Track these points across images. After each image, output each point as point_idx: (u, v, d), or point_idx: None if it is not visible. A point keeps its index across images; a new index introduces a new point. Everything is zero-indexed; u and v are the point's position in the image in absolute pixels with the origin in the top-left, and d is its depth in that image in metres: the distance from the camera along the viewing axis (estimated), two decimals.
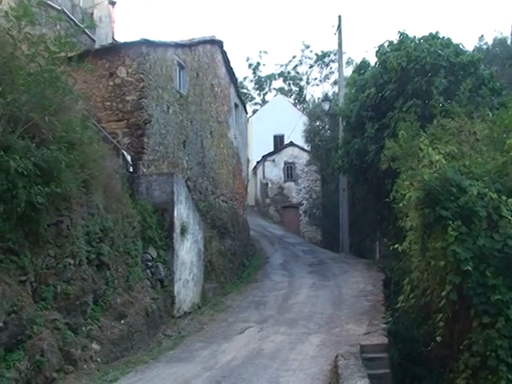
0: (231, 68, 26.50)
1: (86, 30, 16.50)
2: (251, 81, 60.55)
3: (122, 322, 12.35)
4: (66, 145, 10.81)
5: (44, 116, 10.46)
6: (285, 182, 41.59)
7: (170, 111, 18.70)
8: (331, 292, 18.88)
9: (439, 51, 19.31)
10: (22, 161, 9.42)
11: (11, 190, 9.29)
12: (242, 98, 30.68)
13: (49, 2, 11.72)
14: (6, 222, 9.32)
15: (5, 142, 9.59)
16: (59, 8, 16.85)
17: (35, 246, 10.17)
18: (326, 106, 34.09)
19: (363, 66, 23.59)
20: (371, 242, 32.46)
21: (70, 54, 12.21)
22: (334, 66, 52.27)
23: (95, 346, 11.08)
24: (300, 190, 41.10)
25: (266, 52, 60.09)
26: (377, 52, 21.49)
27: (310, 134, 37.54)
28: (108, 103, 16.74)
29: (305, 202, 40.75)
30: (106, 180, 13.02)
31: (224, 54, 25.49)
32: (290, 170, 41.66)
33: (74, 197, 11.26)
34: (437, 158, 11.67)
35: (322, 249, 32.40)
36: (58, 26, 13.35)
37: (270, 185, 41.93)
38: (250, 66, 59.62)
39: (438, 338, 10.71)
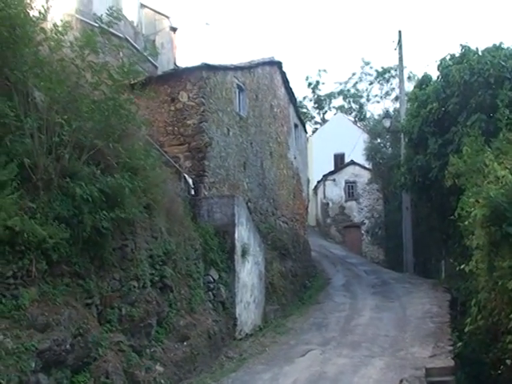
0: (290, 88, 26.59)
1: (148, 57, 16.92)
2: (311, 100, 60.52)
3: (185, 343, 12.48)
4: (130, 170, 11.04)
5: (108, 143, 10.75)
6: (346, 201, 41.25)
7: (230, 134, 18.93)
8: (395, 313, 18.55)
9: (503, 63, 18.79)
10: (87, 187, 9.70)
11: (77, 215, 9.58)
12: (302, 118, 30.73)
13: (112, 31, 12.01)
14: (72, 246, 9.57)
15: (71, 168, 9.91)
16: (122, 36, 17.39)
17: (101, 270, 10.42)
18: (387, 123, 33.66)
19: (425, 80, 23.23)
20: (436, 261, 31.69)
21: (133, 81, 12.57)
22: (395, 81, 51.60)
23: (159, 367, 11.21)
24: (362, 209, 40.66)
25: (325, 70, 59.80)
26: (438, 66, 21.16)
27: (371, 152, 37.18)
28: (170, 128, 17.13)
29: (367, 221, 40.29)
30: (169, 203, 13.25)
31: (283, 74, 25.62)
32: (351, 189, 41.31)
33: (137, 221, 11.50)
34: (503, 173, 11.38)
35: (385, 269, 31.89)
36: (121, 54, 13.69)
37: (330, 204, 41.67)
38: (309, 85, 59.62)
39: (508, 361, 10.37)
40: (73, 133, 9.92)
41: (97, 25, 11.77)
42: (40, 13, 10.60)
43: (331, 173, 42.24)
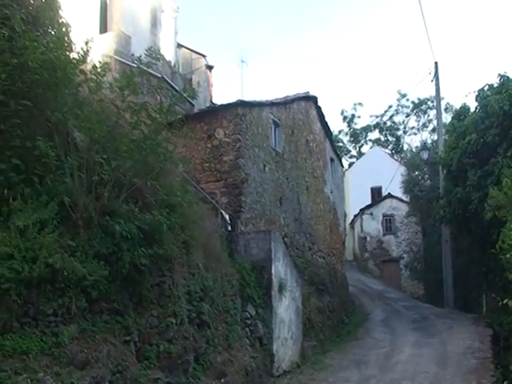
0: (326, 122, 26.69)
1: (185, 95, 17.23)
2: (346, 134, 60.58)
3: (222, 380, 12.41)
4: (168, 207, 11.19)
5: (146, 181, 10.94)
6: (384, 235, 40.85)
7: (267, 169, 19.04)
8: (436, 349, 18.15)
9: None
10: (126, 224, 9.85)
11: (116, 252, 9.70)
12: (338, 152, 30.76)
13: (150, 71, 12.30)
14: (111, 283, 9.67)
15: (110, 206, 10.08)
16: (160, 76, 17.78)
17: (139, 307, 10.49)
18: (425, 155, 33.41)
19: (463, 111, 23.08)
20: (477, 295, 31.02)
21: (170, 120, 12.79)
22: (432, 113, 51.48)
23: None
24: (400, 243, 40.18)
25: (360, 104, 59.94)
26: (476, 96, 21.01)
27: (409, 185, 36.85)
28: (207, 164, 17.34)
29: (405, 255, 39.75)
30: (206, 240, 13.34)
31: (318, 109, 25.75)
32: (388, 223, 40.92)
33: (175, 257, 11.59)
34: None
35: (425, 304, 31.32)
36: (159, 94, 13.99)
37: (368, 238, 41.31)
38: (344, 118, 59.78)
39: None
40: (112, 171, 10.09)
41: (135, 65, 12.07)
42: (80, 55, 10.93)
43: (368, 206, 41.99)
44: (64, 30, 11.00)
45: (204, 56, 26.23)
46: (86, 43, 11.06)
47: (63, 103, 9.96)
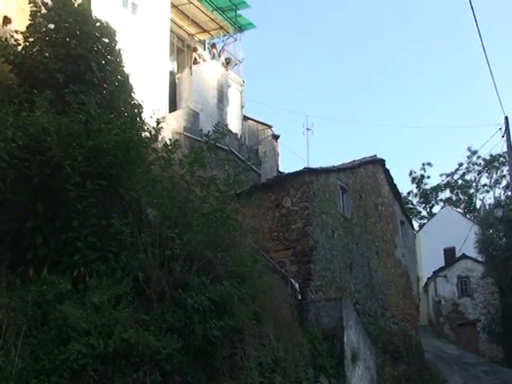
0: (395, 185, 26.46)
1: (252, 166, 17.63)
2: (416, 195, 59.62)
3: None
4: (238, 279, 11.31)
5: (217, 253, 11.14)
6: (459, 297, 39.46)
7: (335, 235, 19.01)
8: None
9: None
10: (197, 297, 9.99)
11: (189, 325, 9.83)
12: (408, 214, 30.37)
13: (218, 145, 12.73)
14: (184, 356, 9.76)
15: (182, 280, 10.29)
16: (227, 149, 18.29)
17: (211, 380, 10.49)
18: (499, 213, 32.48)
19: None
20: None
21: (238, 191, 13.09)
22: (505, 169, 50.25)
23: None
24: (476, 305, 38.68)
25: (429, 164, 59.02)
26: None
27: (484, 244, 35.81)
28: (275, 233, 17.47)
29: (482, 317, 38.15)
30: (276, 310, 13.33)
31: (386, 172, 25.61)
32: (463, 285, 39.57)
33: (246, 328, 11.59)
34: None
35: (506, 368, 29.90)
36: (227, 166, 14.37)
37: (443, 302, 40.00)
38: (413, 179, 58.99)
39: None
40: (184, 246, 10.37)
41: (204, 140, 12.51)
42: (151, 134, 11.47)
43: (442, 269, 40.84)
44: (136, 110, 11.65)
45: (270, 126, 26.77)
46: (157, 122, 11.62)
47: (136, 181, 10.43)
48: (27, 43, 11.04)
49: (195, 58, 22.87)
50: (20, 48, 11.01)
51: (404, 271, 26.37)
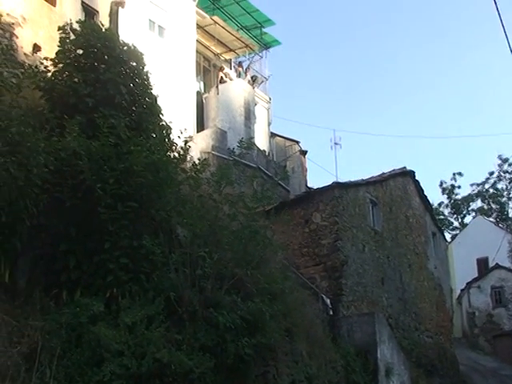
0: (425, 196, 26.19)
1: (280, 182, 17.69)
2: (447, 206, 58.94)
3: None
4: (269, 296, 11.31)
5: (247, 270, 11.17)
6: (493, 308, 38.78)
7: (366, 249, 18.91)
8: None
9: None
10: (229, 315, 10.06)
11: (221, 344, 9.89)
12: (439, 225, 30.04)
13: (245, 162, 12.87)
14: (217, 375, 9.79)
15: (213, 298, 10.36)
16: (255, 166, 18.39)
17: None
18: None
19: None
20: None
21: (267, 208, 13.14)
22: None
23: None
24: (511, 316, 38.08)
25: (460, 174, 58.38)
26: None
27: None
28: (305, 249, 17.45)
29: None
30: (308, 326, 13.31)
31: (416, 183, 25.38)
32: (498, 295, 38.88)
33: (278, 346, 11.59)
34: None
35: None
36: (255, 183, 14.44)
37: (477, 313, 39.34)
38: (444, 190, 58.34)
39: None
40: (214, 264, 10.45)
41: (231, 158, 12.61)
42: (180, 154, 11.62)
43: (475, 279, 40.24)
44: (164, 132, 11.80)
45: (297, 142, 26.86)
46: (185, 143, 11.77)
47: (166, 202, 10.57)
48: (57, 69, 11.29)
49: (221, 77, 23.11)
50: (50, 74, 11.25)
51: (437, 283, 26.05)
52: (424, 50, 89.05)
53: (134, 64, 11.80)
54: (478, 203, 58.29)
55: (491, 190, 57.24)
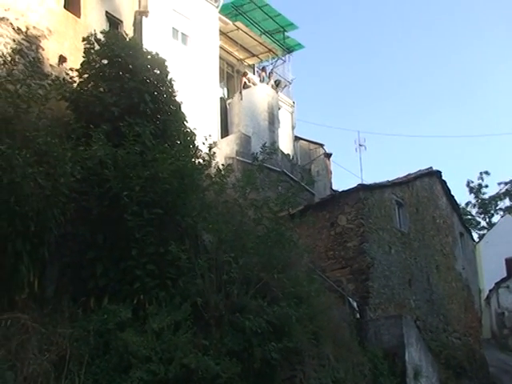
0: (452, 196, 25.92)
1: (305, 186, 17.68)
2: (474, 205, 58.24)
3: None
4: (295, 299, 11.32)
5: (273, 274, 11.20)
6: None
7: (393, 251, 18.81)
8: None
9: None
10: (255, 320, 10.09)
11: (247, 348, 9.94)
12: (467, 225, 29.74)
13: (270, 166, 12.90)
14: (244, 380, 9.82)
15: (239, 303, 10.42)
16: (279, 170, 18.41)
17: None
18: None
19: None
20: None
21: (292, 211, 13.16)
22: None
23: None
24: None
25: (487, 172, 57.62)
26: None
27: None
28: (331, 252, 17.42)
29: None
30: (335, 329, 13.28)
31: (443, 183, 25.14)
32: None
33: (305, 349, 11.57)
34: None
35: None
36: (280, 187, 14.47)
37: (506, 313, 38.78)
38: (471, 190, 57.68)
39: None
40: (240, 269, 10.51)
41: (256, 163, 12.64)
42: (204, 160, 11.72)
43: (504, 279, 39.67)
44: (189, 138, 11.91)
45: (321, 145, 26.76)
46: (210, 149, 11.86)
47: (192, 208, 10.67)
48: (82, 80, 11.48)
49: (245, 83, 23.16)
50: (75, 85, 11.45)
51: (465, 284, 25.79)
52: (449, 44, 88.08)
53: (158, 72, 11.96)
54: (506, 202, 57.54)
55: None
